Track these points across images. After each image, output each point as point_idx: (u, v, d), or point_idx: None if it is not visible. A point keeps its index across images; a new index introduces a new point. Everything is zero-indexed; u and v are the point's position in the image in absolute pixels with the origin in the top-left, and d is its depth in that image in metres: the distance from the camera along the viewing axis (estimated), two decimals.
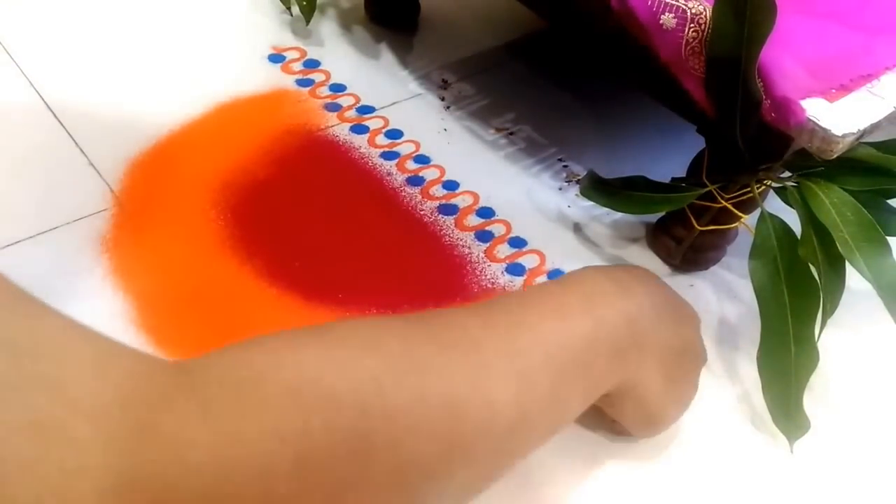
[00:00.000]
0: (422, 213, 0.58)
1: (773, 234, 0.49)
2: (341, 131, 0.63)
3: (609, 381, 0.41)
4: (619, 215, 0.60)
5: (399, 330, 0.34)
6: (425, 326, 0.35)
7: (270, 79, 0.67)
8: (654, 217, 0.58)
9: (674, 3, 0.46)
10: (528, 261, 0.56)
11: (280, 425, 0.28)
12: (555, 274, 0.56)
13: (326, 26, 0.73)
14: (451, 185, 0.60)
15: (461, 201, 0.60)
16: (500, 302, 0.40)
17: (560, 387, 0.38)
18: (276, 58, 0.69)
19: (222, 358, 0.30)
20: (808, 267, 0.48)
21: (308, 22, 0.70)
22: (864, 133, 0.44)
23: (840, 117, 0.43)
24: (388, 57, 0.71)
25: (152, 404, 0.26)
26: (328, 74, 0.68)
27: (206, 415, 0.27)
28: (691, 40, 0.46)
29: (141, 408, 0.25)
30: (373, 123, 0.64)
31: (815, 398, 0.49)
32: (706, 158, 0.52)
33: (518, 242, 0.58)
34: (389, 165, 0.61)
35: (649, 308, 0.43)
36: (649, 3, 0.46)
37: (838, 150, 0.43)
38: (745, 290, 0.53)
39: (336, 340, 0.32)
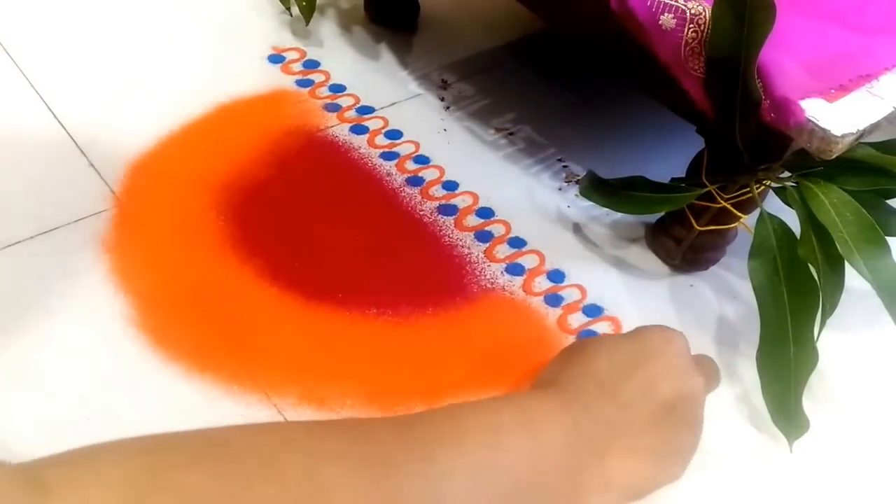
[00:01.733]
0: (421, 213, 0.58)
1: (773, 235, 0.49)
2: (341, 132, 0.63)
3: (577, 497, 0.37)
4: (618, 215, 0.60)
5: (304, 446, 0.30)
6: (335, 439, 0.31)
7: (270, 79, 0.67)
8: (653, 217, 0.58)
9: (673, 3, 0.46)
10: (528, 261, 0.57)
11: None
12: (554, 274, 0.56)
13: (326, 27, 0.73)
14: (450, 186, 0.61)
15: (461, 201, 0.60)
16: (423, 417, 0.35)
17: None
18: (275, 58, 0.69)
19: (87, 474, 0.26)
20: (808, 267, 0.48)
21: (308, 22, 0.70)
22: (863, 133, 0.44)
23: (839, 117, 0.43)
24: (387, 57, 0.71)
25: None
26: (328, 75, 0.68)
27: None
28: (691, 41, 0.46)
29: None
30: (372, 124, 0.64)
31: (815, 398, 0.49)
32: (705, 158, 0.52)
33: (517, 242, 0.58)
34: (389, 166, 0.61)
35: (607, 403, 0.39)
36: (648, 3, 0.46)
37: (837, 151, 0.43)
38: (745, 290, 0.53)
39: (230, 460, 0.28)
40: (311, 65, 0.69)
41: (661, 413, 0.40)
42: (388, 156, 0.62)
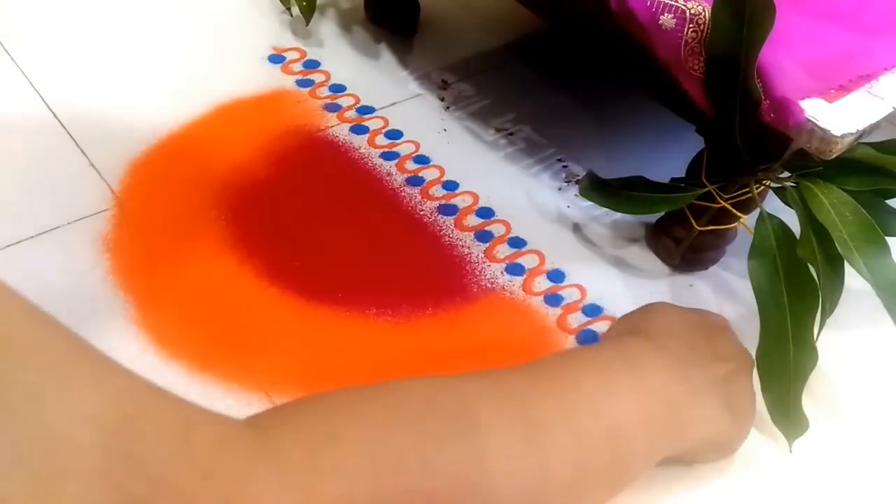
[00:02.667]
0: (421, 213, 0.58)
1: (773, 235, 0.49)
2: (341, 132, 0.63)
3: (673, 446, 0.41)
4: (618, 215, 0.60)
5: (454, 389, 0.35)
6: (475, 384, 0.36)
7: (270, 79, 0.67)
8: (653, 217, 0.58)
9: (673, 3, 0.46)
10: (528, 261, 0.57)
11: (353, 489, 0.29)
12: (554, 274, 0.56)
13: (326, 27, 0.73)
14: (450, 186, 0.61)
15: (461, 201, 0.60)
16: (540, 364, 0.41)
17: (618, 448, 0.38)
18: (276, 58, 0.69)
19: (297, 417, 0.32)
20: (807, 267, 0.48)
21: (308, 22, 0.70)
22: (862, 133, 0.44)
23: (839, 117, 0.43)
24: (387, 57, 0.71)
25: (235, 475, 0.26)
26: (328, 75, 0.68)
27: (284, 479, 0.28)
28: (690, 41, 0.46)
29: (225, 481, 0.26)
30: (372, 124, 0.64)
31: (815, 398, 0.49)
32: (705, 158, 0.52)
33: (517, 242, 0.58)
34: (389, 166, 0.61)
35: (687, 354, 0.43)
36: (648, 3, 0.46)
37: (837, 151, 0.43)
38: (745, 290, 0.53)
39: (400, 399, 0.34)
40: (312, 65, 0.69)
41: (728, 374, 0.44)
42: (389, 156, 0.62)
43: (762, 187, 0.51)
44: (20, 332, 0.24)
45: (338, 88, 0.67)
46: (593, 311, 0.54)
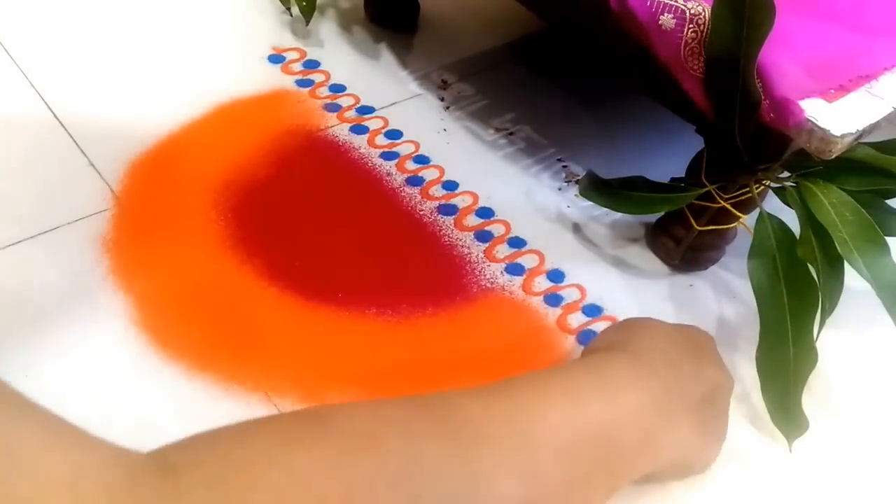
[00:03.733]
0: (421, 213, 0.58)
1: (772, 234, 0.49)
2: (341, 132, 0.63)
3: (640, 468, 0.40)
4: (618, 215, 0.60)
5: (399, 420, 0.33)
6: (426, 414, 0.34)
7: (270, 79, 0.67)
8: (653, 217, 0.58)
9: (673, 3, 0.46)
10: (528, 261, 0.57)
11: None
12: (554, 274, 0.56)
13: (326, 27, 0.73)
14: (450, 186, 0.61)
15: (460, 201, 0.60)
16: (504, 384, 0.38)
17: (576, 481, 0.36)
18: (275, 58, 0.69)
19: (211, 457, 0.28)
20: (807, 267, 0.48)
21: (308, 22, 0.70)
22: (862, 133, 0.44)
23: (838, 117, 0.43)
24: (387, 57, 0.71)
25: None
26: (328, 75, 0.68)
27: None
28: (690, 41, 0.46)
29: None
30: (372, 124, 0.64)
31: (814, 398, 0.49)
32: (705, 158, 0.52)
33: (517, 242, 0.58)
34: (389, 166, 0.61)
35: (670, 374, 0.41)
36: (648, 3, 0.46)
37: (837, 151, 0.43)
38: (744, 290, 0.54)
39: (332, 435, 0.31)
40: (311, 65, 0.69)
41: (707, 396, 0.43)
42: (388, 156, 0.62)
43: (762, 187, 0.51)
44: None
45: (338, 88, 0.67)
46: (593, 311, 0.54)
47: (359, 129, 0.64)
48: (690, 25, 0.46)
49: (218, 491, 0.27)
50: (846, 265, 0.48)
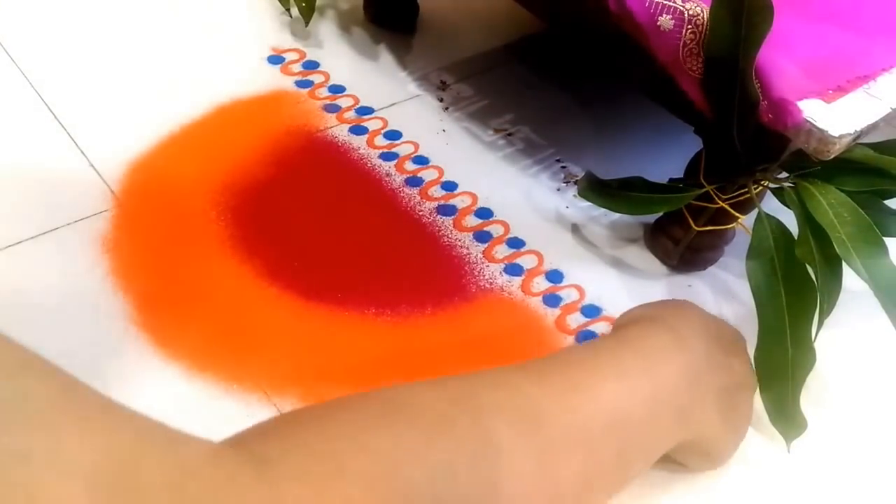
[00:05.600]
0: (420, 213, 0.59)
1: (771, 235, 0.49)
2: (340, 132, 0.64)
3: (672, 440, 0.41)
4: (616, 216, 0.60)
5: (467, 401, 0.34)
6: (491, 393, 0.35)
7: (270, 80, 0.67)
8: (651, 218, 0.58)
9: (671, 4, 0.46)
10: (527, 261, 0.57)
11: None
12: (553, 274, 0.56)
13: (325, 28, 0.73)
14: (449, 186, 0.61)
15: (460, 202, 0.60)
16: (557, 363, 0.40)
17: (624, 454, 0.38)
18: (275, 59, 0.69)
19: (300, 445, 0.29)
20: (805, 267, 0.48)
21: (307, 23, 0.70)
22: (860, 134, 0.44)
23: (837, 118, 0.43)
24: (386, 58, 0.71)
25: None
26: (327, 76, 0.68)
27: None
28: (689, 42, 0.46)
29: None
30: (372, 124, 0.65)
31: (813, 398, 0.50)
32: (703, 159, 0.52)
33: (516, 243, 0.58)
34: (388, 166, 0.61)
35: (704, 355, 0.43)
36: (647, 4, 0.46)
37: (835, 151, 0.44)
38: (743, 290, 0.54)
39: (408, 420, 0.32)
40: (311, 65, 0.69)
41: (731, 388, 0.44)
42: (388, 156, 0.62)
43: (760, 188, 0.51)
44: (2, 385, 0.23)
45: (337, 89, 0.67)
46: (592, 311, 0.54)
47: (358, 130, 0.64)
48: (689, 26, 0.46)
49: (312, 483, 0.28)
50: (844, 266, 0.48)
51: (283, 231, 0.56)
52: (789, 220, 0.50)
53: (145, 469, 0.24)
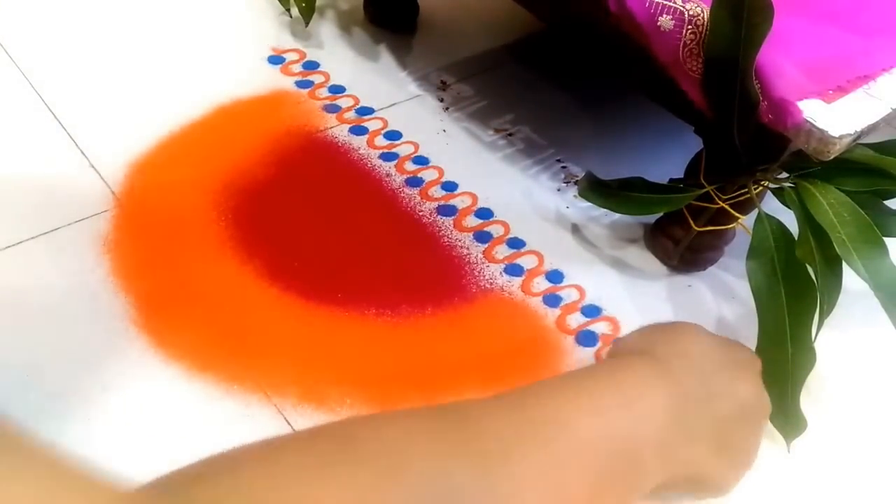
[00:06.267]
0: (421, 213, 0.59)
1: (771, 235, 0.49)
2: (340, 132, 0.64)
3: (654, 477, 0.39)
4: (617, 216, 0.60)
5: (426, 439, 0.32)
6: (455, 432, 0.33)
7: (270, 80, 0.67)
8: (651, 218, 0.58)
9: (671, 4, 0.46)
10: (527, 261, 0.57)
11: None
12: (553, 274, 0.56)
13: (326, 28, 0.73)
14: (449, 186, 0.61)
15: (460, 202, 0.60)
16: (527, 395, 0.37)
17: (597, 490, 0.36)
18: (275, 59, 0.69)
19: (232, 493, 0.26)
20: (806, 267, 0.48)
21: (307, 24, 0.70)
22: (860, 134, 0.44)
23: (837, 118, 0.43)
24: (387, 58, 0.71)
25: None
26: (327, 76, 0.68)
27: None
28: (689, 42, 0.46)
29: None
30: (372, 125, 0.65)
31: (813, 398, 0.50)
32: (703, 159, 0.52)
33: (516, 243, 0.58)
34: (388, 166, 0.61)
35: (694, 386, 0.41)
36: (647, 4, 0.46)
37: (835, 152, 0.44)
38: (743, 290, 0.54)
39: (364, 460, 0.29)
40: (311, 66, 0.69)
41: (734, 415, 0.42)
42: (388, 156, 0.62)
43: (760, 188, 0.51)
44: None
45: (337, 89, 0.67)
46: (592, 311, 0.54)
47: (358, 130, 0.64)
48: (689, 27, 0.46)
49: None
50: (844, 266, 0.48)
51: (283, 231, 0.56)
52: (789, 220, 0.50)
53: None
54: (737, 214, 0.52)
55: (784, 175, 0.51)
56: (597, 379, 0.40)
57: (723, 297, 0.56)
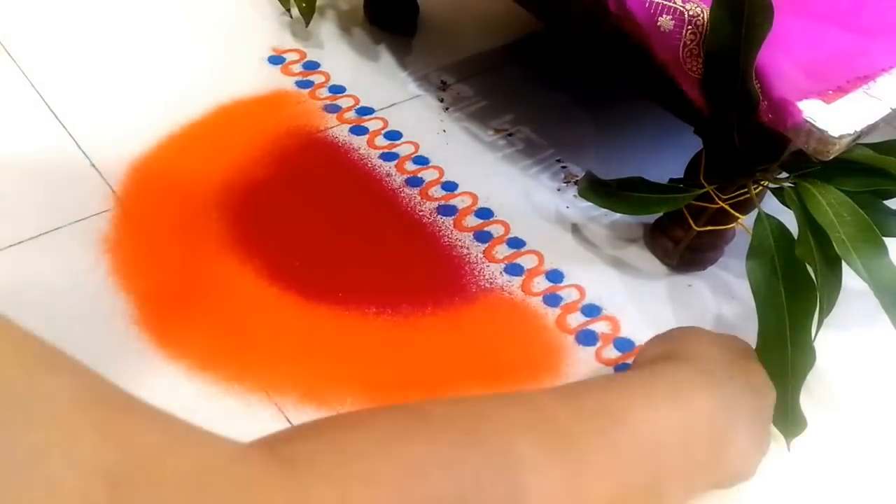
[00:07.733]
0: (421, 213, 0.59)
1: (771, 235, 0.49)
2: (341, 132, 0.64)
3: (710, 472, 0.41)
4: (617, 216, 0.60)
5: (496, 418, 0.34)
6: (519, 415, 0.35)
7: (270, 80, 0.67)
8: (651, 218, 0.58)
9: (671, 4, 0.46)
10: (527, 261, 0.57)
11: None
12: (553, 274, 0.56)
13: (326, 28, 0.73)
14: (449, 186, 0.61)
15: (460, 202, 0.60)
16: (588, 388, 0.40)
17: (658, 484, 0.37)
18: (275, 59, 0.69)
19: (328, 448, 0.29)
20: (805, 267, 0.48)
21: (308, 24, 0.70)
22: (860, 134, 0.44)
23: (836, 118, 0.43)
24: (387, 59, 0.71)
25: None
26: (328, 76, 0.68)
27: None
28: (689, 42, 0.46)
29: None
30: (372, 125, 0.65)
31: (813, 398, 0.50)
32: (703, 159, 0.52)
33: (516, 243, 0.58)
34: (389, 166, 0.61)
35: (730, 383, 0.42)
36: (647, 5, 0.46)
37: (835, 151, 0.44)
38: (743, 290, 0.54)
39: (438, 431, 0.32)
40: (311, 66, 0.69)
41: (758, 408, 0.44)
42: (388, 156, 0.62)
43: (760, 188, 0.51)
44: (21, 382, 0.22)
45: (337, 89, 0.67)
46: (592, 311, 0.54)
47: (358, 130, 0.64)
48: (689, 27, 0.46)
49: (339, 483, 0.28)
50: (844, 265, 0.48)
51: (283, 231, 0.56)
52: (789, 220, 0.50)
53: (167, 465, 0.24)
54: (737, 214, 0.52)
55: (784, 175, 0.51)
56: (651, 379, 0.42)
57: (723, 296, 0.57)
